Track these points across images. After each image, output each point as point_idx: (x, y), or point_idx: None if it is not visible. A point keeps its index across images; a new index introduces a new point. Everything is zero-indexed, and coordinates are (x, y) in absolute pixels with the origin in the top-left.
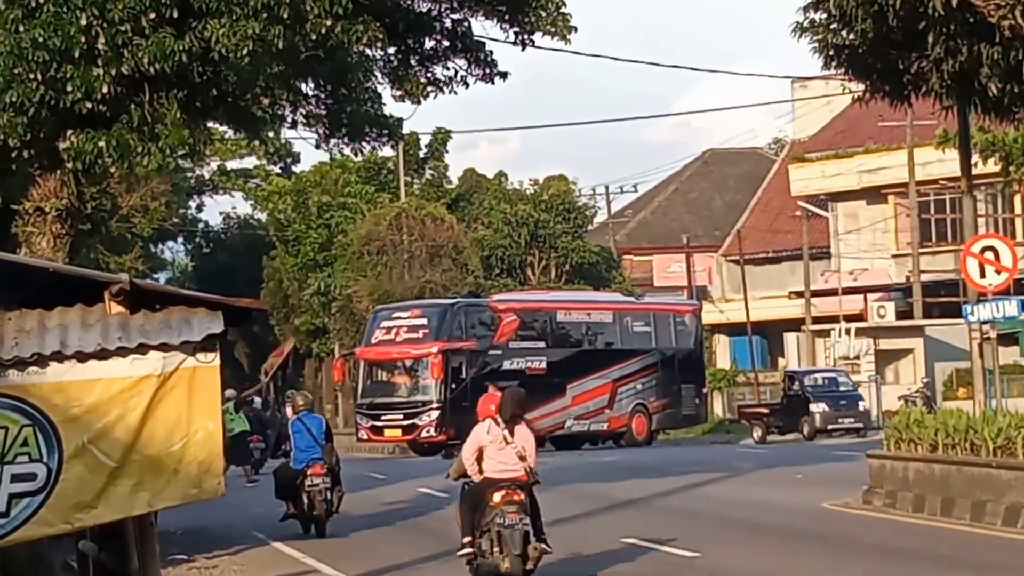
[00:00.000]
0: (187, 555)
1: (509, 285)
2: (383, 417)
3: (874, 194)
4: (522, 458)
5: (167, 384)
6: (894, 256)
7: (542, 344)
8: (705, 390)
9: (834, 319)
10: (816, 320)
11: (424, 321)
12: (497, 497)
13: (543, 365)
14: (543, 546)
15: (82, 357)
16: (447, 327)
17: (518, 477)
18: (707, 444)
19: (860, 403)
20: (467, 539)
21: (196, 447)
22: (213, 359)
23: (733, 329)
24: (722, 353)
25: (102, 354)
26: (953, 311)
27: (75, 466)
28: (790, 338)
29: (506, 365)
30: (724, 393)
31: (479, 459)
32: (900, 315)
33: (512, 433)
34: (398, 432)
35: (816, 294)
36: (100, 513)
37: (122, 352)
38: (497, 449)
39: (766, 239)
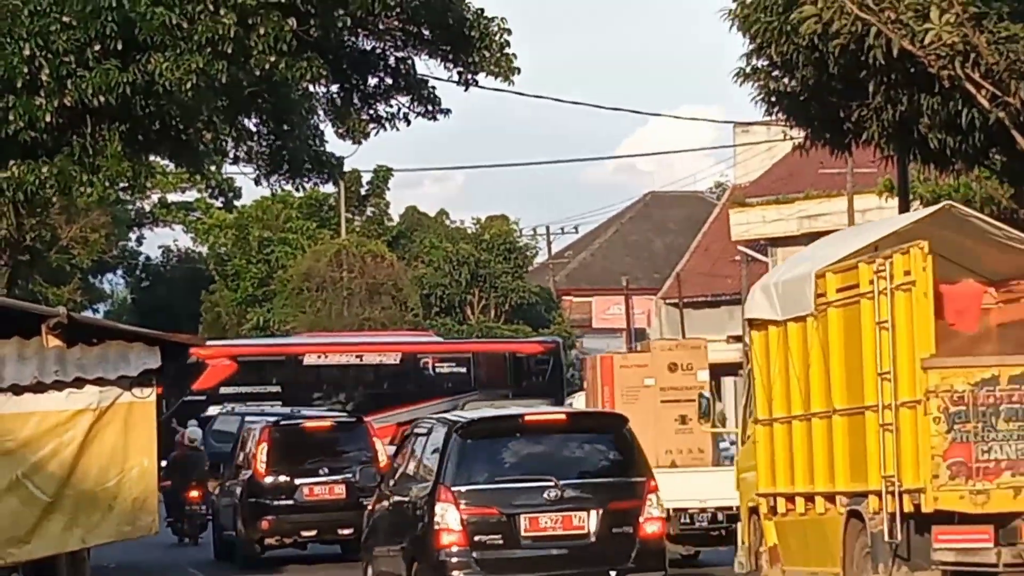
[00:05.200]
0: None
1: (448, 324)
2: None
3: (814, 240)
4: None
5: (103, 419)
6: None
7: (277, 389)
8: None
9: None
10: None
11: None
12: None
13: (276, 410)
14: None
15: (18, 390)
16: None
17: None
18: None
19: None
20: None
21: (131, 484)
22: (149, 394)
23: None
24: None
25: (38, 387)
26: None
27: (9, 500)
28: (727, 382)
29: (212, 411)
30: None
31: None
32: None
33: None
34: None
35: None
36: (33, 549)
37: (58, 386)
38: None
39: (705, 283)
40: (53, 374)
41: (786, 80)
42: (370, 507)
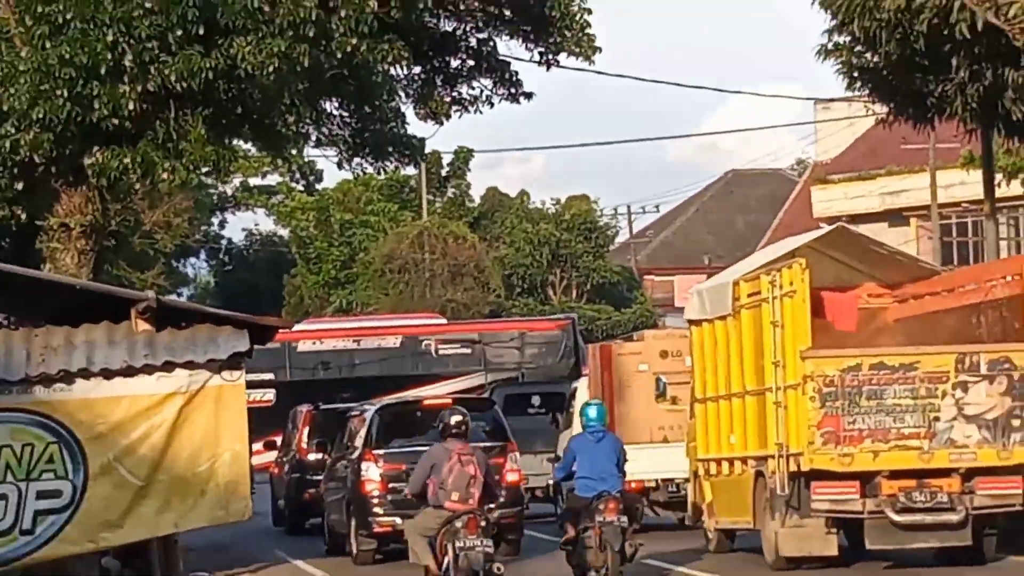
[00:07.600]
0: (208, 572)
1: (530, 304)
2: None
3: (896, 216)
4: None
5: (193, 402)
6: None
7: (270, 376)
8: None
9: None
10: None
11: None
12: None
13: (269, 397)
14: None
15: (108, 374)
16: None
17: None
18: None
19: None
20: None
21: (223, 469)
22: (239, 377)
23: None
24: None
25: (128, 371)
26: None
27: (101, 484)
28: None
29: None
30: None
31: None
32: None
33: None
34: None
35: None
36: (126, 533)
37: (148, 369)
38: None
39: None
40: (143, 358)
41: (869, 55)
42: (326, 468)
